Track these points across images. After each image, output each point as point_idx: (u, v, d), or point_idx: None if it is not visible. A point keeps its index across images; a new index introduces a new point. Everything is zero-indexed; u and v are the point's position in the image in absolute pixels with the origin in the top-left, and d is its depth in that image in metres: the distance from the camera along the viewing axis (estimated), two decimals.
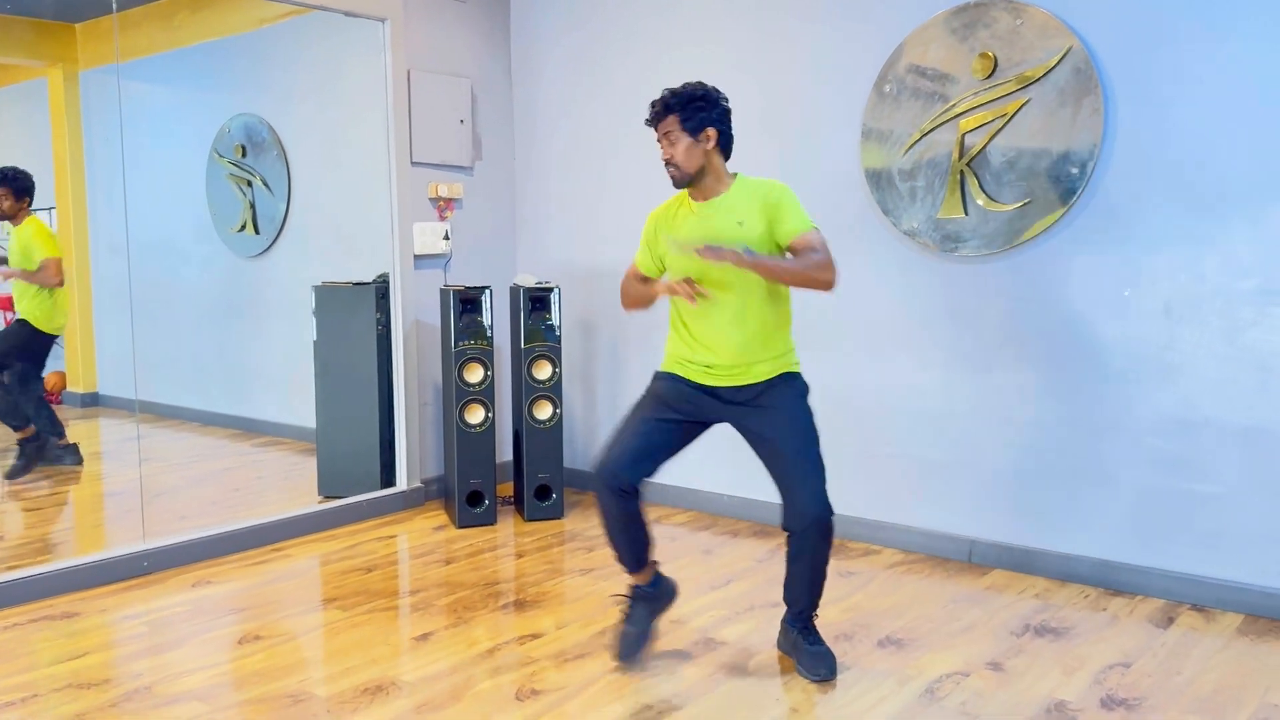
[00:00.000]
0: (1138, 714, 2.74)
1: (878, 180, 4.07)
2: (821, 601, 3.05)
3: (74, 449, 4.62)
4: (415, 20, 4.80)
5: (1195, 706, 2.78)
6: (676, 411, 2.98)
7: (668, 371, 3.05)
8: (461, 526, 4.55)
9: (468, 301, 4.53)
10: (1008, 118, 3.74)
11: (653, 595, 3.11)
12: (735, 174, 2.97)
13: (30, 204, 4.39)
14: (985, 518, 3.96)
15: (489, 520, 4.59)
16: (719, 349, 2.92)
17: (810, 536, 2.86)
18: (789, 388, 2.96)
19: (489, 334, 4.55)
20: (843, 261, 4.20)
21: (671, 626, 3.35)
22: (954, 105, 3.86)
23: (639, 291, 3.05)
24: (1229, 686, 2.90)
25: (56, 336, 4.52)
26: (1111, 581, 3.68)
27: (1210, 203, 3.41)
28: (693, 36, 4.58)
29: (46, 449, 4.55)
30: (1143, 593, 3.62)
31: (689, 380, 2.98)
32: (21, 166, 4.42)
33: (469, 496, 4.56)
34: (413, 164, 4.81)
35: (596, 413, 5.16)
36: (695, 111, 2.87)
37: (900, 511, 4.17)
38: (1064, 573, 3.78)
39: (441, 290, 4.60)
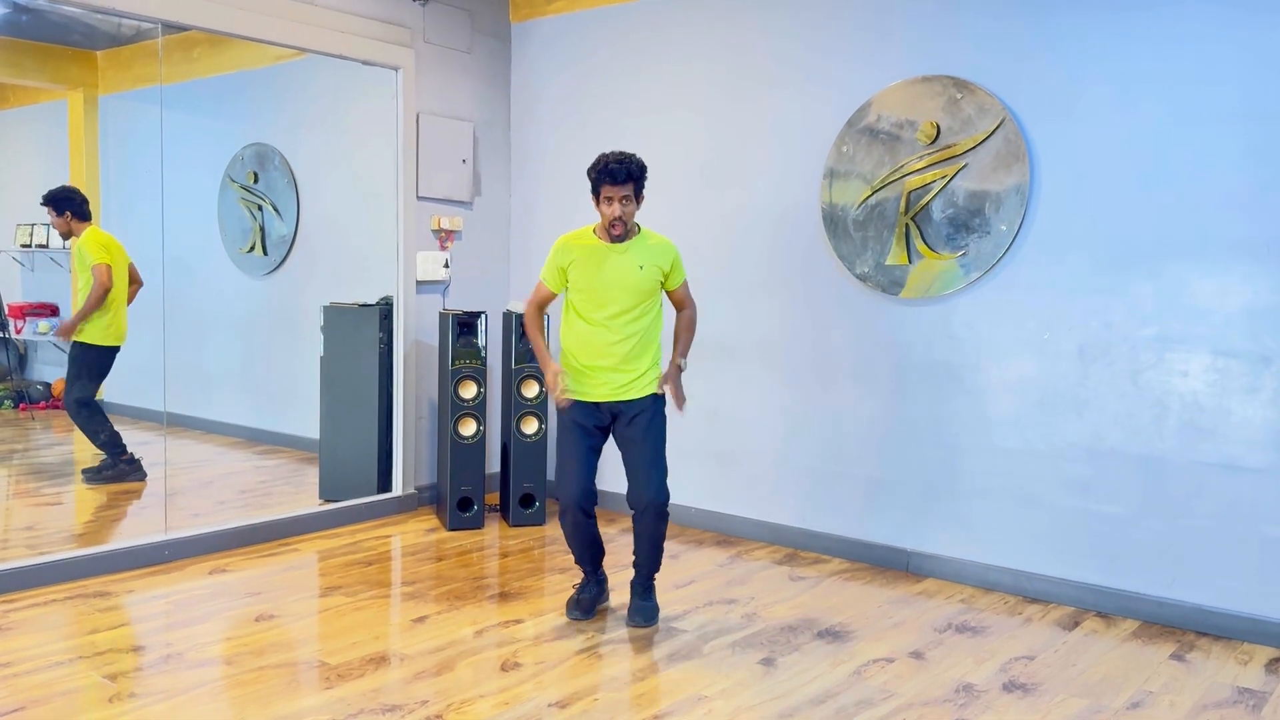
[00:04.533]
0: (1033, 696, 3.21)
1: (834, 228, 4.58)
2: (767, 600, 3.49)
3: (138, 464, 4.95)
4: (425, 69, 5.30)
5: (1082, 691, 3.26)
6: (595, 429, 3.70)
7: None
8: (452, 529, 5.00)
9: (464, 324, 5.00)
10: (948, 179, 4.26)
11: (601, 583, 3.91)
12: (639, 226, 3.70)
13: (86, 219, 4.70)
14: (921, 531, 4.44)
15: (477, 524, 5.04)
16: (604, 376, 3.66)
17: (649, 514, 3.64)
18: (655, 406, 3.70)
19: (482, 355, 5.02)
20: (802, 301, 4.71)
21: (659, 620, 3.81)
22: (902, 166, 4.37)
23: (534, 335, 3.80)
24: (1114, 676, 3.38)
25: (119, 348, 4.80)
26: (1029, 590, 4.17)
27: (1118, 259, 3.93)
28: (670, 91, 5.09)
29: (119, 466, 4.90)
30: (1055, 600, 4.10)
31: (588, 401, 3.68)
32: (70, 185, 4.77)
33: (460, 501, 5.01)
34: (418, 198, 5.29)
35: None
36: (644, 182, 3.61)
37: (847, 524, 4.65)
38: (988, 581, 4.26)
39: (440, 314, 5.07)
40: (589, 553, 3.78)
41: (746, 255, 4.89)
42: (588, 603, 3.82)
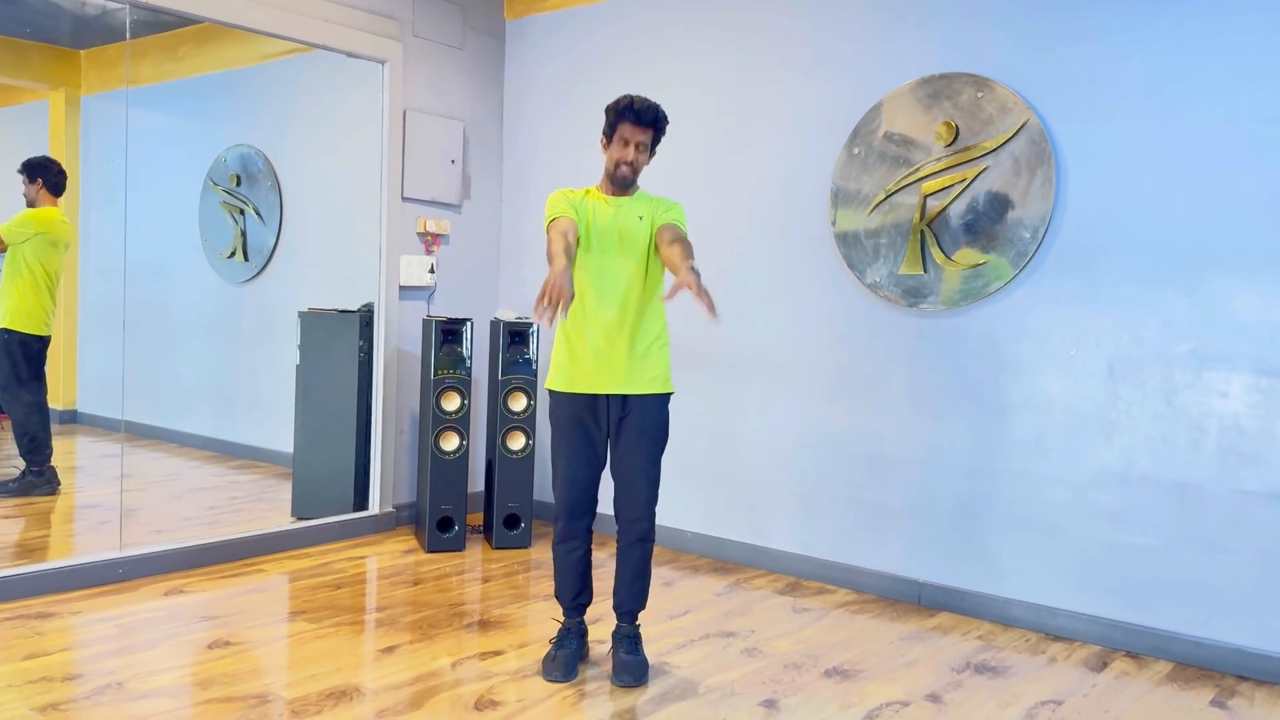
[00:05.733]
0: None
1: (844, 236, 4.29)
2: (769, 634, 3.19)
3: (52, 473, 4.65)
4: (414, 64, 5.03)
5: None
6: (595, 434, 3.26)
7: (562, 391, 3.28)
8: (430, 551, 4.67)
9: (449, 332, 4.70)
10: (967, 183, 3.98)
11: (582, 633, 3.40)
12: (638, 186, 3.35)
13: (56, 194, 4.46)
14: (935, 562, 4.13)
15: (458, 546, 4.72)
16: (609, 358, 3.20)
17: (630, 534, 3.25)
18: (660, 408, 3.27)
19: (468, 364, 4.72)
20: (809, 312, 4.42)
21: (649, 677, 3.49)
22: (918, 169, 4.10)
23: (556, 246, 3.03)
24: None
25: (47, 338, 4.53)
26: (1052, 627, 3.85)
27: (1152, 270, 3.64)
28: (674, 91, 4.82)
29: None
30: (1081, 638, 3.79)
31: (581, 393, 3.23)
32: (51, 157, 4.53)
33: (440, 521, 4.69)
34: (404, 199, 5.01)
35: None
36: (662, 135, 3.25)
37: (854, 552, 4.33)
38: (1008, 617, 3.94)
39: (424, 320, 4.77)
40: (576, 585, 3.32)
41: (748, 263, 4.60)
42: (568, 661, 3.26)
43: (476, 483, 5.30)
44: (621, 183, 3.23)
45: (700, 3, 4.76)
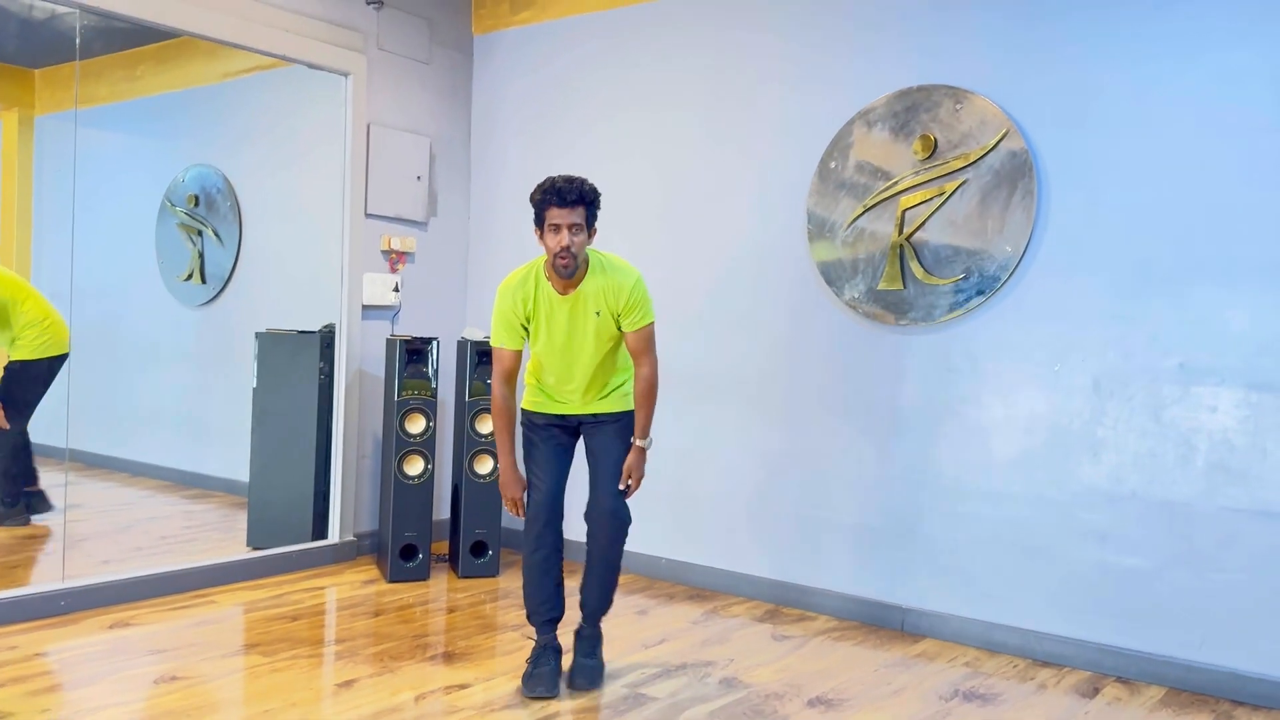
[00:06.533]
0: None
1: (821, 250, 4.18)
2: (748, 662, 3.04)
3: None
4: (378, 77, 4.89)
5: None
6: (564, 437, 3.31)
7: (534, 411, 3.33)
8: (393, 580, 4.47)
9: (414, 351, 4.53)
10: (946, 197, 3.89)
11: (557, 649, 3.29)
12: (588, 259, 3.11)
13: None
14: (918, 586, 3.99)
15: (422, 575, 4.52)
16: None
17: (603, 526, 3.20)
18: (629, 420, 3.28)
19: (433, 385, 4.54)
20: (785, 329, 4.30)
21: (604, 682, 3.31)
22: (896, 182, 4.01)
23: (500, 432, 3.22)
24: None
25: (66, 355, 4.28)
26: (1040, 652, 3.72)
27: (1137, 283, 3.56)
28: (646, 106, 4.72)
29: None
30: (1070, 664, 3.66)
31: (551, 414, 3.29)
32: None
33: (403, 549, 4.49)
34: (367, 215, 4.85)
35: None
36: (596, 209, 3.05)
37: (835, 578, 4.19)
38: (993, 643, 3.81)
39: (388, 340, 4.60)
40: (548, 598, 3.23)
41: (721, 280, 4.48)
42: (549, 677, 3.17)
43: (442, 510, 5.11)
44: (565, 273, 3.02)
45: (672, 18, 4.66)
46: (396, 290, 4.96)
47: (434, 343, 4.57)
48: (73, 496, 4.26)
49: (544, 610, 3.25)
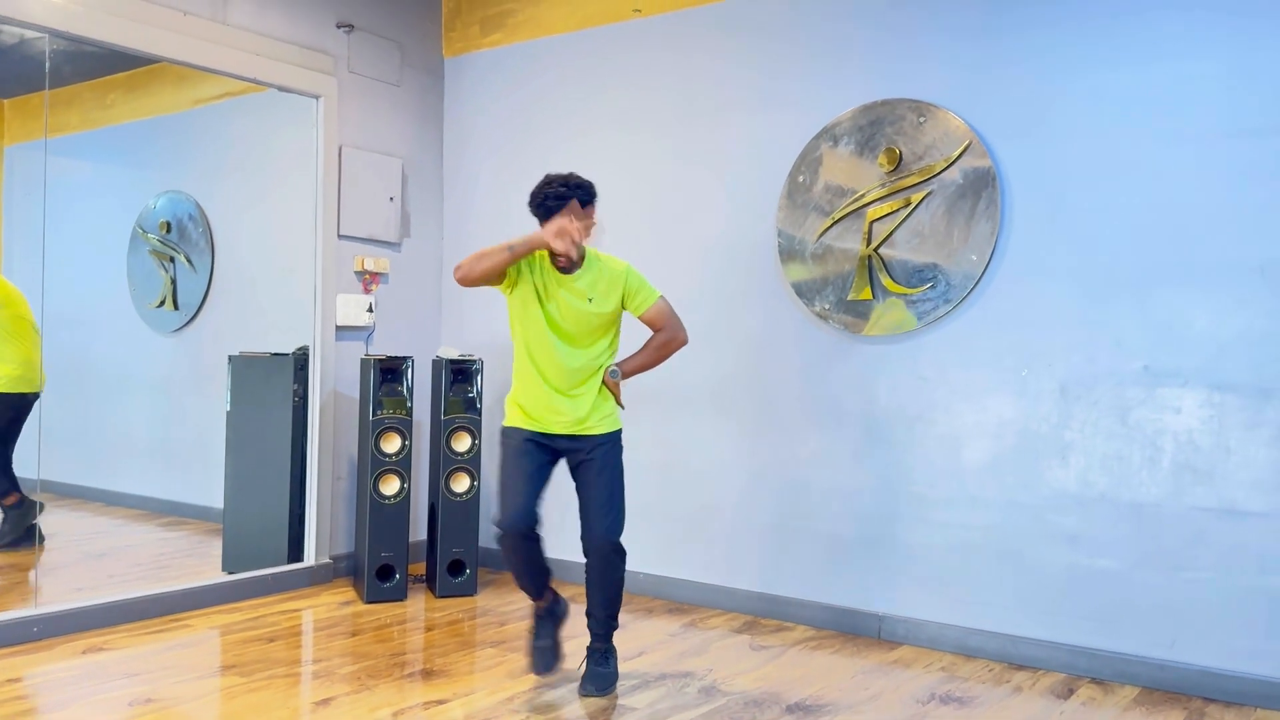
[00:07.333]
0: None
1: (791, 263, 4.24)
2: (727, 672, 3.05)
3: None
4: (349, 99, 4.92)
5: None
6: (543, 454, 3.30)
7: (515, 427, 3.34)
8: (370, 601, 4.45)
9: (389, 371, 4.53)
10: (912, 208, 3.96)
11: (555, 611, 3.43)
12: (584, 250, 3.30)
13: None
14: (893, 594, 4.02)
15: (399, 596, 4.50)
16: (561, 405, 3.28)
17: (598, 555, 3.25)
18: (613, 444, 3.32)
19: (409, 404, 4.54)
20: (757, 341, 4.34)
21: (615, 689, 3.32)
22: (862, 195, 4.07)
23: (489, 253, 3.16)
24: None
25: (38, 394, 4.25)
26: (1014, 656, 3.75)
27: (1100, 287, 3.63)
28: (615, 124, 4.77)
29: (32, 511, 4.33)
30: (1045, 666, 3.69)
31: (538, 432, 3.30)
32: None
33: (379, 570, 4.47)
34: (340, 237, 4.86)
35: None
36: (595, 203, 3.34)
37: (811, 588, 4.21)
38: (969, 647, 3.84)
39: (362, 360, 4.60)
40: (533, 576, 3.32)
41: (695, 293, 4.51)
42: (549, 651, 3.35)
43: (419, 530, 5.10)
44: (577, 268, 3.25)
45: (640, 41, 4.73)
46: (370, 311, 4.97)
47: (409, 361, 4.58)
48: (46, 526, 4.23)
49: (532, 585, 3.35)
